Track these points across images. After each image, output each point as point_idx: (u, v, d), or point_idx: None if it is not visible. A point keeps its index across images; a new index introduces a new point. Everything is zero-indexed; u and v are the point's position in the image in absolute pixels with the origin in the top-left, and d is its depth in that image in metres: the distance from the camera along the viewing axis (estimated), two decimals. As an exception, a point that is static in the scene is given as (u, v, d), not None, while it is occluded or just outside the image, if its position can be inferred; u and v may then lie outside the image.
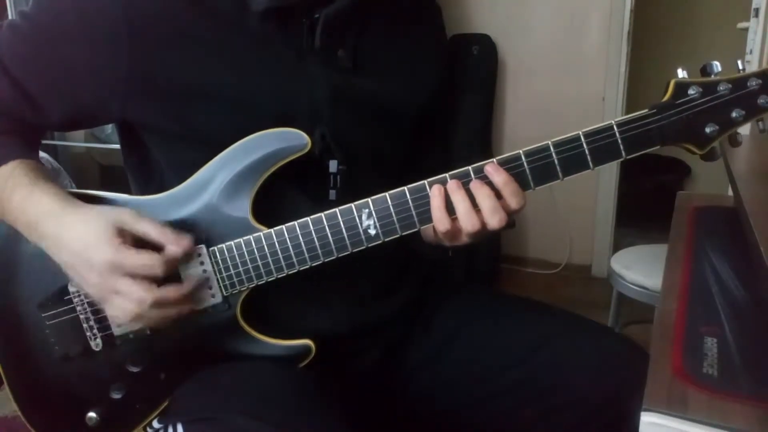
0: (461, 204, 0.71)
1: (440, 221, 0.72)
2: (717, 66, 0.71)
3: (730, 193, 1.06)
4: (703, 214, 1.08)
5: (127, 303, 0.71)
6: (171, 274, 0.75)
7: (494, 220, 0.71)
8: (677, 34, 3.55)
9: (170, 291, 0.72)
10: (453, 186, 0.71)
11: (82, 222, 0.71)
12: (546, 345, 0.85)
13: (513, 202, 0.71)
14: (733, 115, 0.71)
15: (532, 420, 0.84)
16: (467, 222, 0.71)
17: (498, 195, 0.71)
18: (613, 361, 0.82)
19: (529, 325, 0.88)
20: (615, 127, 0.71)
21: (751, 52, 1.92)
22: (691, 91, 0.71)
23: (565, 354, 0.83)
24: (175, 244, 0.71)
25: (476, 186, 0.71)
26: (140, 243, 0.72)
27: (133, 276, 0.70)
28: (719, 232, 0.99)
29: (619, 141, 0.71)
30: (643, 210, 3.26)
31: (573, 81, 2.85)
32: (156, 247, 0.72)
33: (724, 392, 0.56)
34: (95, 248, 0.70)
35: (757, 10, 1.89)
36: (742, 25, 2.01)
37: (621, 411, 0.73)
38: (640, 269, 1.78)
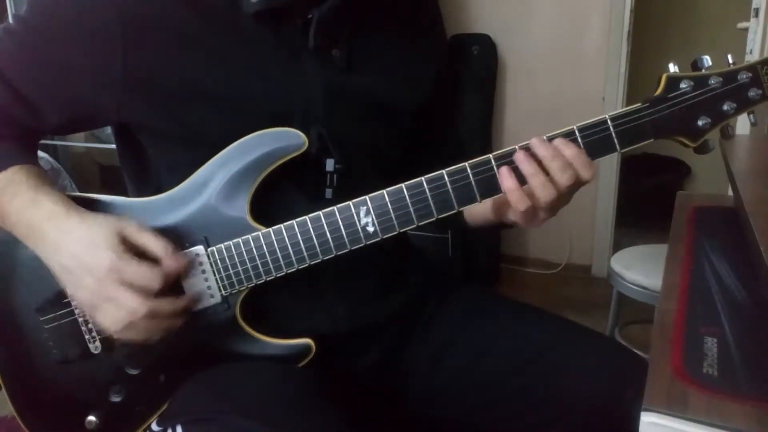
0: (536, 177, 0.71)
1: (519, 201, 0.71)
2: (707, 60, 0.72)
3: (730, 193, 1.06)
4: (703, 214, 1.08)
5: (119, 311, 0.70)
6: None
7: (564, 177, 0.70)
8: (677, 35, 3.55)
9: (165, 303, 0.71)
10: (521, 157, 0.71)
11: (86, 226, 0.71)
12: (546, 353, 0.84)
13: (586, 173, 0.71)
14: (725, 108, 0.72)
15: (531, 427, 0.84)
16: (543, 193, 0.71)
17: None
18: (612, 369, 0.81)
19: (529, 332, 0.88)
20: (609, 121, 0.72)
21: (751, 52, 1.92)
22: (683, 85, 0.72)
23: (564, 362, 0.83)
24: (173, 260, 0.72)
25: (548, 158, 0.71)
26: (140, 254, 0.72)
27: (130, 285, 0.70)
28: (719, 232, 0.99)
29: (614, 135, 0.72)
30: (643, 210, 3.27)
31: (573, 81, 2.86)
32: (155, 261, 0.72)
33: (724, 392, 0.56)
34: (97, 252, 0.70)
35: (757, 10, 1.89)
36: (742, 25, 2.01)
37: (620, 419, 0.73)
38: (640, 269, 1.78)
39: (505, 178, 0.71)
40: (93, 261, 0.70)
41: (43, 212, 0.73)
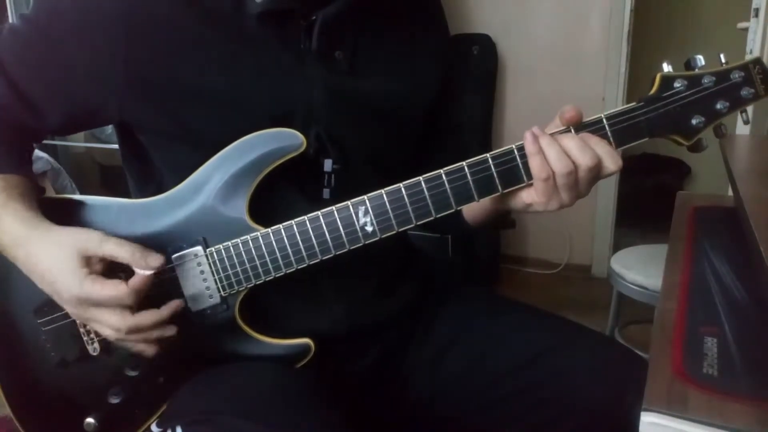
0: (553, 148, 0.70)
1: (540, 167, 0.70)
2: (701, 60, 0.73)
3: (730, 193, 1.06)
4: (703, 214, 1.08)
5: (104, 329, 0.73)
6: (168, 278, 0.76)
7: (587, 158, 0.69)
8: (677, 35, 3.55)
9: (145, 317, 0.72)
10: (545, 138, 0.70)
11: (48, 251, 0.71)
12: (546, 353, 0.84)
13: (610, 164, 0.71)
14: (718, 106, 0.73)
15: (532, 427, 0.84)
16: (560, 165, 0.69)
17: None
18: (612, 370, 0.81)
19: (529, 333, 0.88)
20: (604, 120, 0.72)
21: (751, 52, 1.92)
22: (676, 84, 0.73)
23: (565, 362, 0.83)
24: (143, 266, 0.71)
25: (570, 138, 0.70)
26: (114, 265, 0.72)
27: (103, 306, 0.71)
28: (719, 232, 0.99)
29: (609, 134, 0.72)
30: (643, 210, 3.26)
31: (573, 81, 2.86)
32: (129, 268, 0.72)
33: (724, 392, 0.56)
34: (62, 283, 0.71)
35: (757, 10, 1.89)
36: (742, 25, 2.01)
37: (621, 419, 0.72)
38: (640, 269, 1.78)
39: (530, 143, 0.70)
40: (63, 289, 0.71)
41: (8, 237, 0.73)
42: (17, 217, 0.73)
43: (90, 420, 0.79)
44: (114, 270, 0.72)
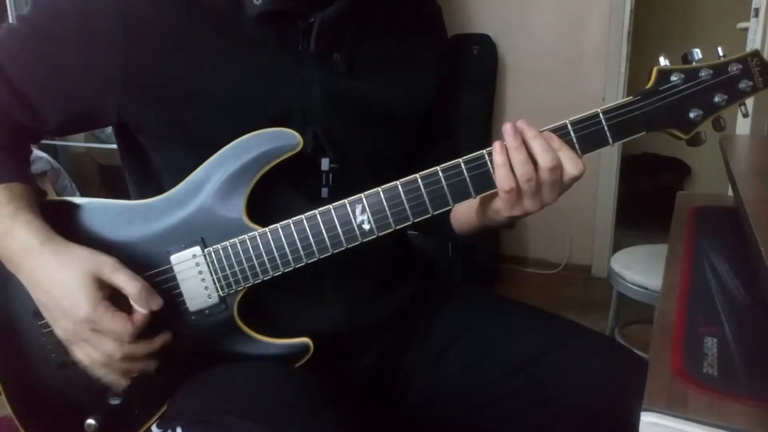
0: (519, 155, 0.70)
1: (505, 179, 0.71)
2: (698, 53, 0.73)
3: (730, 193, 1.06)
4: (703, 214, 1.08)
5: (95, 352, 0.72)
6: (167, 279, 0.76)
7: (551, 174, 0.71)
8: (677, 34, 3.55)
9: (140, 348, 0.73)
10: (509, 129, 0.71)
11: (62, 267, 0.71)
12: (546, 353, 0.84)
13: (570, 166, 0.71)
14: (716, 99, 0.72)
15: (532, 427, 0.84)
16: (523, 172, 0.70)
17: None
18: (612, 370, 0.81)
19: (529, 333, 0.88)
20: (601, 115, 0.72)
21: (751, 51, 1.91)
22: (673, 78, 0.73)
23: (565, 363, 0.83)
24: (144, 307, 0.72)
25: (532, 137, 0.71)
26: (114, 292, 0.72)
27: (105, 334, 0.71)
28: (719, 232, 0.99)
29: (606, 128, 0.72)
30: (643, 210, 3.27)
31: (573, 81, 2.85)
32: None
33: (724, 392, 0.56)
34: (73, 300, 0.70)
35: (757, 10, 1.89)
36: (742, 25, 2.01)
37: (621, 420, 0.72)
38: (640, 269, 1.78)
39: (497, 152, 0.71)
40: (69, 307, 0.71)
41: (17, 245, 0.72)
42: (29, 227, 0.73)
43: (90, 421, 0.79)
44: (114, 298, 0.73)
